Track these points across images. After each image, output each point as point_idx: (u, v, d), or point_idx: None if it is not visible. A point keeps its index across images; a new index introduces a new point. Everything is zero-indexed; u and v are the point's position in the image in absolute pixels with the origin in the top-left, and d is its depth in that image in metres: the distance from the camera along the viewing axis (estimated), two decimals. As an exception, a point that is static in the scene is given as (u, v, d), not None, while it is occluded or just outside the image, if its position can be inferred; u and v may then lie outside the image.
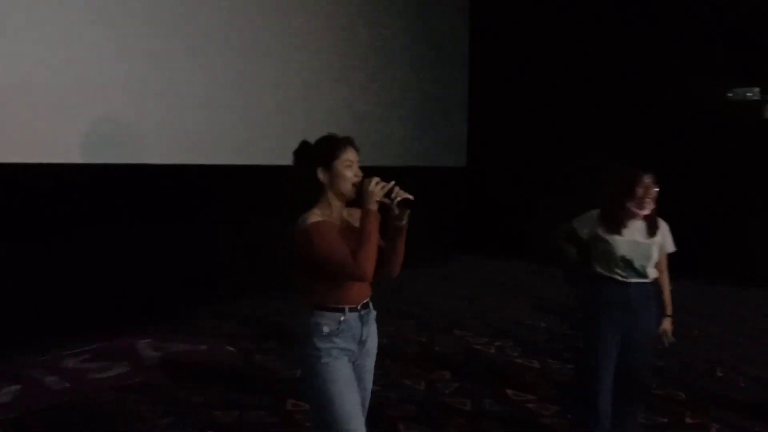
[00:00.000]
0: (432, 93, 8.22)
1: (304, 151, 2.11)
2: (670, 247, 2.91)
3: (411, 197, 2.00)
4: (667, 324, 2.93)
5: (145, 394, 3.65)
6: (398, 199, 2.00)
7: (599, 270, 2.88)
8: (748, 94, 6.65)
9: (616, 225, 2.80)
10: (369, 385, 2.21)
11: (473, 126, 9.08)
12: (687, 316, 5.58)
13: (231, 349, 4.51)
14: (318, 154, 2.07)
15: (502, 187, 8.78)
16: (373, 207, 2.00)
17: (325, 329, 2.02)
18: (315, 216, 2.01)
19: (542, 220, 3.22)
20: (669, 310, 2.94)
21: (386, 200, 2.01)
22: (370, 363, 2.20)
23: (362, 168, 2.09)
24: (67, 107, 4.45)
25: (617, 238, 2.79)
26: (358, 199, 2.05)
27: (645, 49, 7.34)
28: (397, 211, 2.03)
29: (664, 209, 2.87)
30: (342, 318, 2.04)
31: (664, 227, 2.90)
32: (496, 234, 8.66)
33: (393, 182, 2.03)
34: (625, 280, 2.81)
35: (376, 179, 2.01)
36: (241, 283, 5.78)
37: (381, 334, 2.23)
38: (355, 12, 6.91)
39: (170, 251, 5.17)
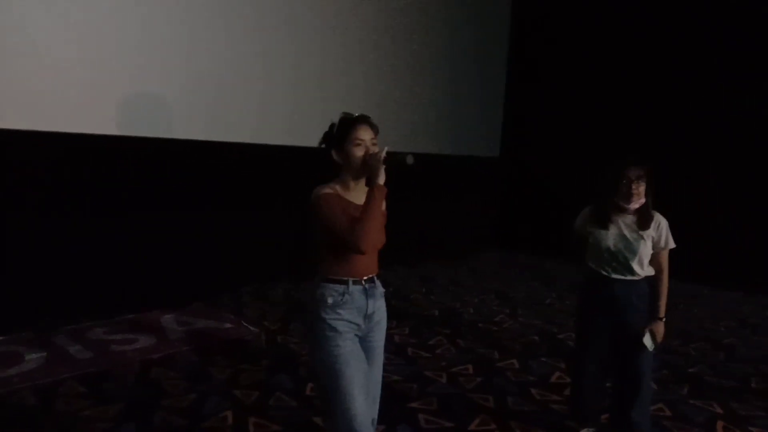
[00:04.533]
0: (469, 82, 8.06)
1: (327, 132, 2.17)
2: (669, 244, 2.87)
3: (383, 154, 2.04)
4: (657, 327, 2.83)
5: (168, 369, 3.67)
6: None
7: (590, 264, 2.97)
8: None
9: (603, 219, 2.88)
10: (379, 359, 2.26)
11: (508, 116, 8.91)
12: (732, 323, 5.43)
13: (254, 329, 4.51)
14: (332, 135, 2.13)
15: (534, 178, 8.63)
16: (379, 181, 2.03)
17: (330, 300, 2.07)
18: (327, 188, 2.08)
19: (570, 213, 3.17)
20: (662, 312, 2.85)
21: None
22: (379, 338, 2.23)
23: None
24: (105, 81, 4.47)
25: (603, 231, 2.87)
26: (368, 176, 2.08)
27: (686, 46, 7.05)
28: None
29: (708, 214, 2.76)
30: (346, 290, 2.08)
31: (662, 223, 2.86)
32: (529, 227, 8.52)
33: (385, 149, 2.04)
34: (608, 275, 2.86)
35: (374, 154, 2.05)
36: (270, 265, 5.78)
37: (405, 324, 2.22)
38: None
39: (201, 230, 5.18)
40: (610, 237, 2.85)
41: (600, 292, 2.91)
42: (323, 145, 2.16)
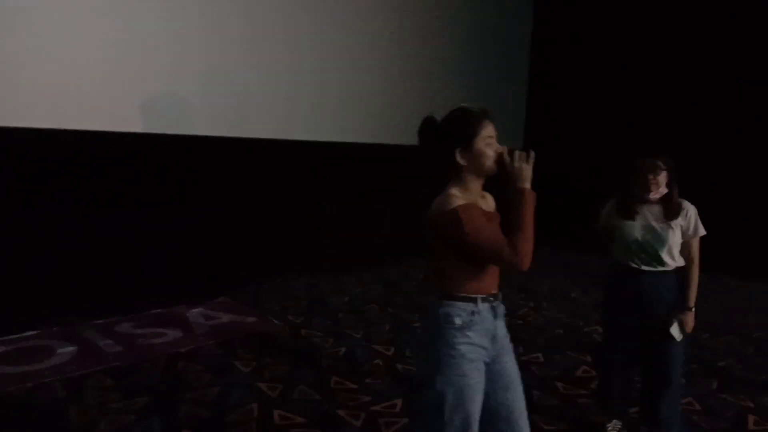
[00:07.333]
0: (492, 78, 7.98)
1: (433, 128, 1.87)
2: (699, 231, 2.80)
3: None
4: (687, 317, 2.77)
5: (194, 362, 3.72)
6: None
7: (617, 258, 2.92)
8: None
9: (628, 211, 2.84)
10: (517, 385, 1.94)
11: (531, 112, 8.82)
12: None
13: (278, 322, 4.54)
14: (455, 133, 1.83)
15: (559, 172, 8.52)
16: (528, 186, 1.79)
17: (458, 321, 1.82)
18: (456, 198, 1.79)
19: (594, 207, 3.12)
20: (691, 302, 2.78)
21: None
22: (509, 359, 1.95)
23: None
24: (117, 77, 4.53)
25: (629, 223, 2.83)
26: (500, 177, 1.83)
27: (705, 42, 6.89)
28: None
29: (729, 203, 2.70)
30: (475, 309, 1.84)
31: (690, 210, 2.79)
32: (554, 221, 8.41)
33: (532, 152, 1.81)
34: (638, 267, 2.81)
35: (519, 152, 1.79)
36: (291, 260, 5.83)
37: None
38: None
39: (224, 226, 5.24)
40: (636, 228, 2.80)
41: (629, 285, 2.85)
42: (434, 143, 1.87)
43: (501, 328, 1.93)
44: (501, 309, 1.94)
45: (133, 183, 4.66)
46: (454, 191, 1.83)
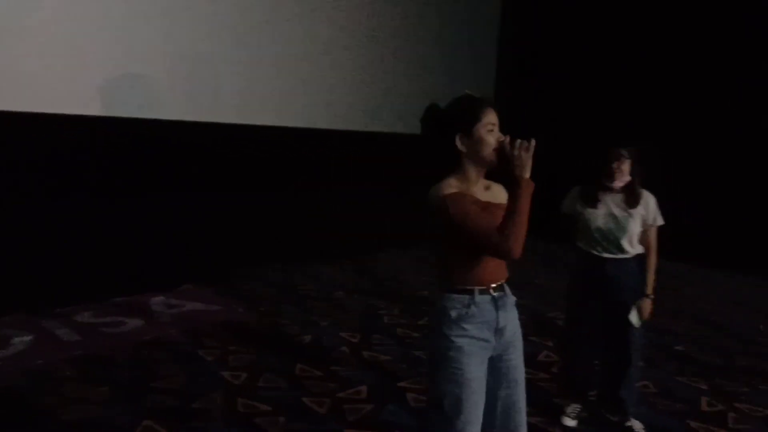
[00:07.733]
0: (461, 67, 7.98)
1: (435, 115, 1.86)
2: (658, 221, 2.88)
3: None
4: (644, 303, 2.85)
5: (157, 351, 3.66)
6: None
7: (580, 245, 2.99)
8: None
9: (592, 199, 2.89)
10: (521, 383, 1.94)
11: (501, 100, 8.83)
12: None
13: (243, 311, 4.50)
14: (456, 118, 1.81)
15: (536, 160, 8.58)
16: (527, 175, 1.74)
17: (453, 313, 1.79)
18: (449, 186, 1.79)
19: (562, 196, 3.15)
20: (649, 289, 2.87)
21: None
22: (516, 356, 1.93)
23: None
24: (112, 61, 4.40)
25: (592, 210, 2.88)
26: (500, 166, 1.80)
27: (675, 32, 7.00)
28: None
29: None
30: (471, 301, 1.81)
31: (650, 200, 2.87)
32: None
33: (533, 141, 1.75)
34: (600, 254, 2.88)
35: (519, 141, 1.74)
36: (261, 248, 5.76)
37: (395, 305, 2.15)
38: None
39: (190, 212, 5.13)
40: (599, 216, 2.86)
41: (591, 272, 2.91)
42: (434, 130, 1.84)
43: (507, 321, 1.88)
44: (506, 301, 1.89)
45: (92, 169, 4.52)
46: (451, 180, 1.82)
